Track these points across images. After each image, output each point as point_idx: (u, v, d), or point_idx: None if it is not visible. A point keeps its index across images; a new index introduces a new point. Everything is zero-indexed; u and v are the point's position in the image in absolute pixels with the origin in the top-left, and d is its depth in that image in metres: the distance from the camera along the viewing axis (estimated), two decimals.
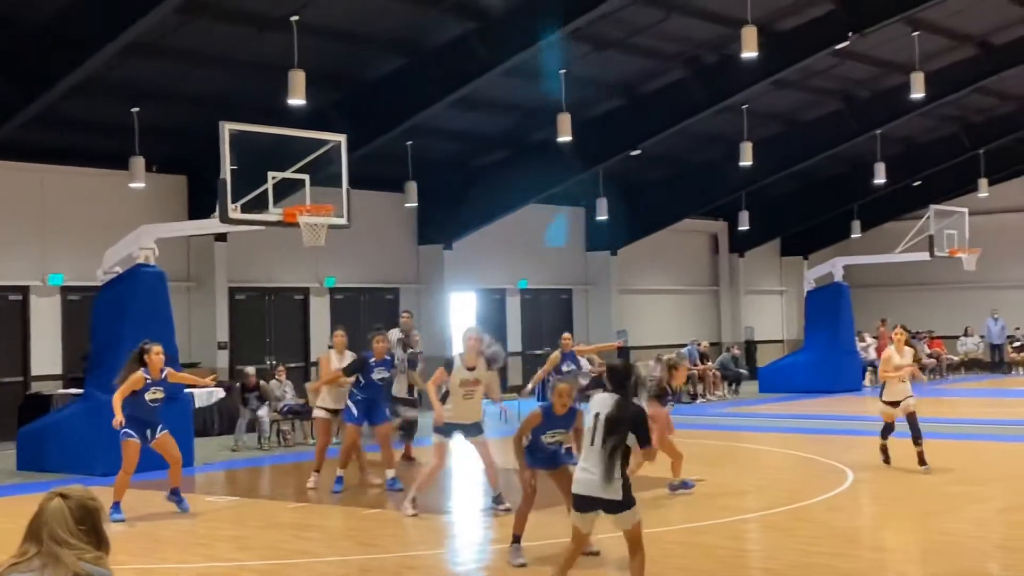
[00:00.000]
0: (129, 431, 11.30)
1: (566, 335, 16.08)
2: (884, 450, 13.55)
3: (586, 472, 7.20)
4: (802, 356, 27.32)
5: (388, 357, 13.25)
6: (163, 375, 11.56)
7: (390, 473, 12.89)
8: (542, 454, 9.05)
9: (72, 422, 15.20)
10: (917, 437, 13.16)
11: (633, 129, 23.52)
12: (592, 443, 7.23)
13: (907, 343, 13.80)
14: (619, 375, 7.44)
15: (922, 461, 13.11)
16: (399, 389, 14.72)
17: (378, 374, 13.02)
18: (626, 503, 7.15)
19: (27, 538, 3.52)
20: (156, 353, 11.49)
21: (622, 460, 7.11)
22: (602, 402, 7.34)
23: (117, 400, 11.25)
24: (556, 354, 15.38)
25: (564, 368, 15.17)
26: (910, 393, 13.41)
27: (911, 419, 13.19)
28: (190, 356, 20.20)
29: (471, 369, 10.98)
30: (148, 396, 11.42)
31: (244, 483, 14.91)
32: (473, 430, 11.14)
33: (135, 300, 15.25)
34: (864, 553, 9.59)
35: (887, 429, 13.58)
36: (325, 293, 23.90)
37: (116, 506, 10.97)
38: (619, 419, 7.13)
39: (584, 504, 7.27)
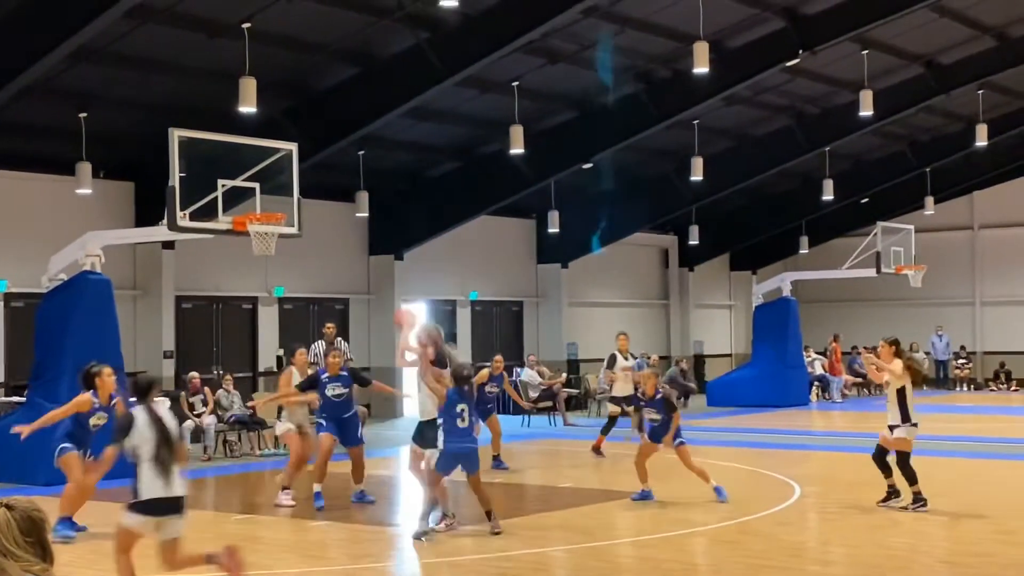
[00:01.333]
0: (66, 444, 10.86)
1: (498, 359, 16.86)
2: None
3: None
4: (750, 370, 27.50)
5: (344, 372, 12.67)
6: (112, 402, 10.82)
7: (358, 487, 12.67)
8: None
9: None
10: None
11: (585, 142, 23.59)
12: None
13: (896, 354, 11.96)
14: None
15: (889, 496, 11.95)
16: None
17: (332, 390, 12.48)
18: None
19: None
20: (107, 375, 10.75)
21: None
22: None
23: (52, 417, 10.80)
24: (484, 372, 15.77)
25: (488, 388, 15.89)
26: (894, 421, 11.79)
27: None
28: (135, 365, 19.93)
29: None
30: (92, 420, 10.87)
31: (189, 494, 14.69)
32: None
33: (80, 308, 15.05)
34: (810, 567, 9.65)
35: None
36: (274, 303, 23.72)
37: (66, 522, 10.53)
38: None
39: None
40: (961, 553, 9.98)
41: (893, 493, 11.85)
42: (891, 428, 11.77)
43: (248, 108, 16.02)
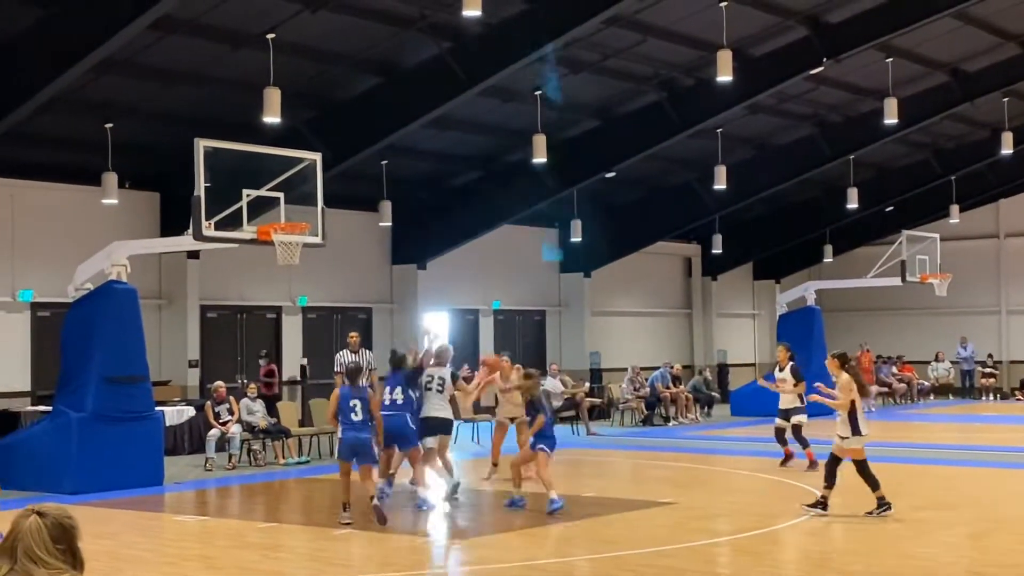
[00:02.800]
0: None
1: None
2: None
3: None
4: (774, 380, 27.31)
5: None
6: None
7: (421, 491, 13.18)
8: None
9: (41, 439, 15.04)
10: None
11: (608, 151, 23.59)
12: None
13: (843, 367, 12.15)
14: None
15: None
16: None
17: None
18: None
19: (0, 555, 3.47)
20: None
21: None
22: None
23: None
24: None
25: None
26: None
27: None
28: (160, 374, 20.06)
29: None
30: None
31: (214, 502, 14.78)
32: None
33: (106, 317, 15.14)
34: None
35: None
36: (298, 312, 23.80)
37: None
38: None
39: None
40: (987, 564, 9.89)
41: (820, 503, 11.80)
42: (842, 439, 11.94)
43: (272, 118, 16.10)
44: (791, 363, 15.92)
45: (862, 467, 11.91)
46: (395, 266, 25.42)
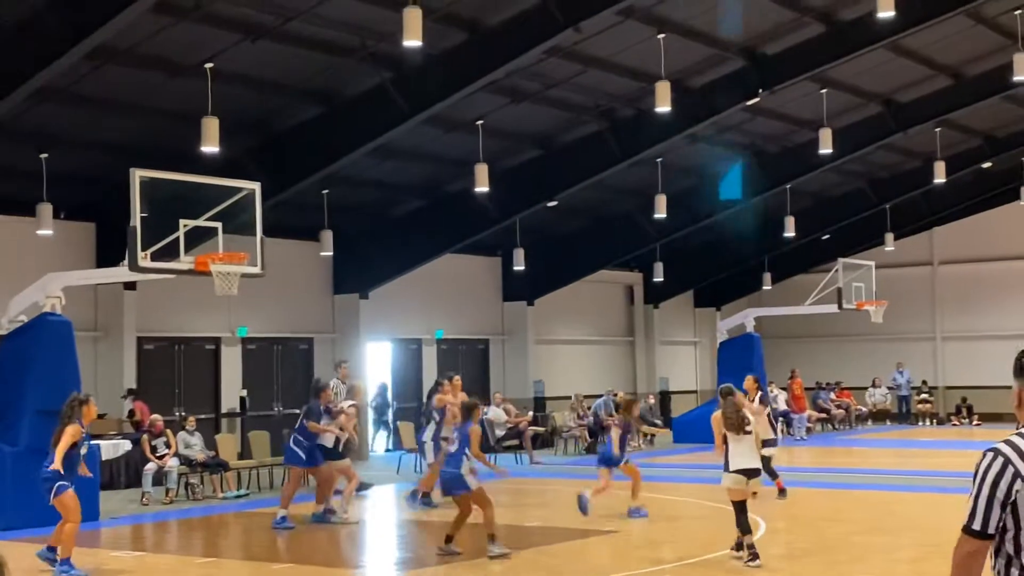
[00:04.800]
0: (63, 483, 10.82)
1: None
2: None
3: None
4: (716, 406, 27.47)
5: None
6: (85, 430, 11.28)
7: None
8: None
9: None
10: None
11: (550, 180, 23.69)
12: None
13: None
14: None
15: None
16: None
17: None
18: None
19: None
20: (93, 404, 11.39)
21: None
22: None
23: (60, 453, 10.81)
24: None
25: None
26: None
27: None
28: (98, 407, 19.69)
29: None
30: (81, 450, 11.11)
31: (151, 537, 14.53)
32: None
33: (41, 350, 14.88)
34: None
35: None
36: (237, 343, 23.55)
37: (66, 562, 10.55)
38: None
39: None
40: None
41: (745, 548, 11.05)
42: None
43: (211, 148, 15.97)
44: (760, 394, 15.90)
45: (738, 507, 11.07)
46: (337, 296, 25.27)
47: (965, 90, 23.90)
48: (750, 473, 11.25)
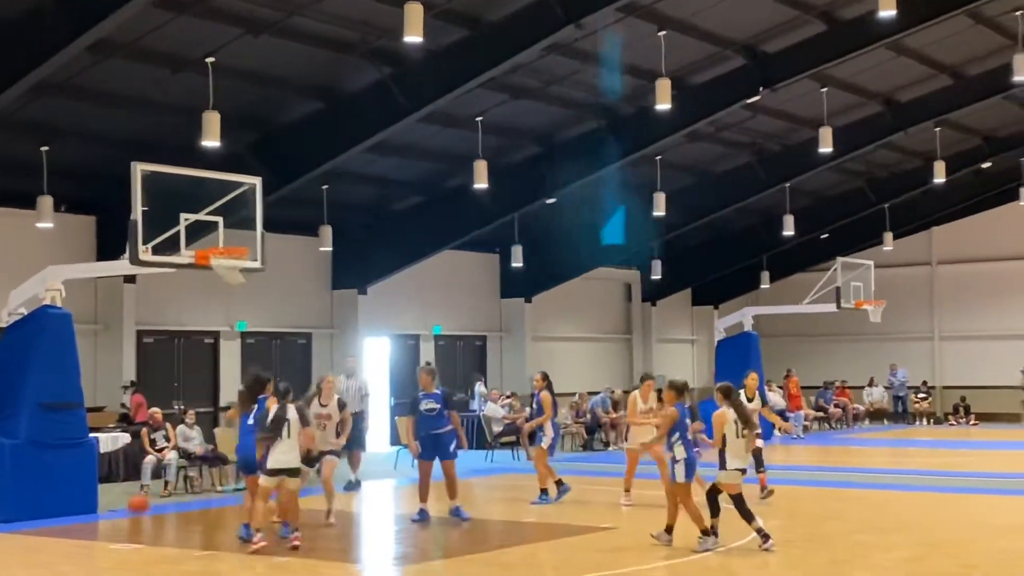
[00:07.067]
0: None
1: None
2: None
3: None
4: (713, 404, 27.46)
5: (437, 390, 13.94)
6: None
7: (453, 503, 13.53)
8: None
9: None
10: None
11: (548, 177, 23.71)
12: None
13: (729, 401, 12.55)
14: None
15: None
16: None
17: (425, 405, 13.74)
18: None
19: None
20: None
21: None
22: None
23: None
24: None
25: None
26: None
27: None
28: (95, 400, 19.75)
29: (324, 405, 13.75)
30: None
31: (149, 530, 14.55)
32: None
33: (40, 342, 14.89)
34: None
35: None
36: (236, 337, 23.57)
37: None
38: None
39: None
40: None
41: (713, 531, 11.61)
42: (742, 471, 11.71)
43: (212, 142, 15.98)
44: (758, 392, 15.91)
45: (737, 501, 11.49)
46: (336, 291, 25.29)
47: (965, 90, 23.94)
48: (745, 472, 11.83)
